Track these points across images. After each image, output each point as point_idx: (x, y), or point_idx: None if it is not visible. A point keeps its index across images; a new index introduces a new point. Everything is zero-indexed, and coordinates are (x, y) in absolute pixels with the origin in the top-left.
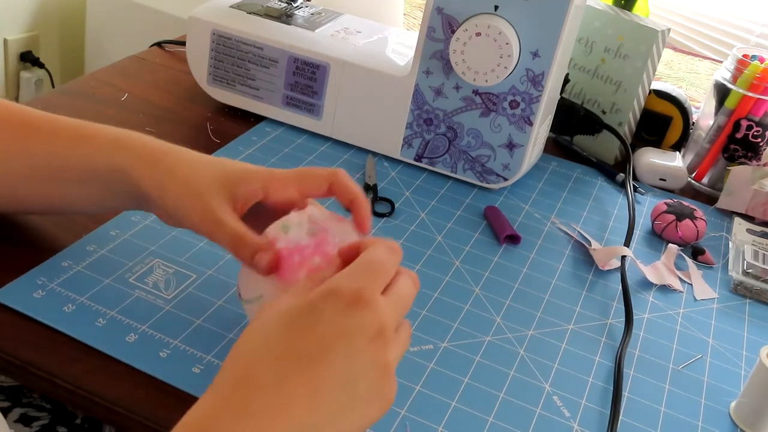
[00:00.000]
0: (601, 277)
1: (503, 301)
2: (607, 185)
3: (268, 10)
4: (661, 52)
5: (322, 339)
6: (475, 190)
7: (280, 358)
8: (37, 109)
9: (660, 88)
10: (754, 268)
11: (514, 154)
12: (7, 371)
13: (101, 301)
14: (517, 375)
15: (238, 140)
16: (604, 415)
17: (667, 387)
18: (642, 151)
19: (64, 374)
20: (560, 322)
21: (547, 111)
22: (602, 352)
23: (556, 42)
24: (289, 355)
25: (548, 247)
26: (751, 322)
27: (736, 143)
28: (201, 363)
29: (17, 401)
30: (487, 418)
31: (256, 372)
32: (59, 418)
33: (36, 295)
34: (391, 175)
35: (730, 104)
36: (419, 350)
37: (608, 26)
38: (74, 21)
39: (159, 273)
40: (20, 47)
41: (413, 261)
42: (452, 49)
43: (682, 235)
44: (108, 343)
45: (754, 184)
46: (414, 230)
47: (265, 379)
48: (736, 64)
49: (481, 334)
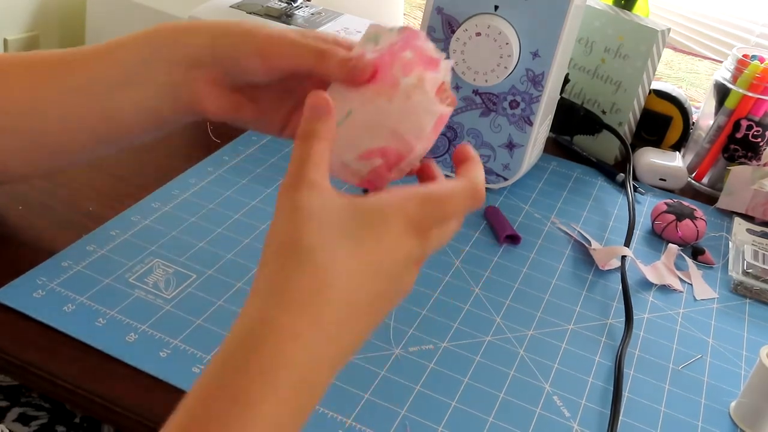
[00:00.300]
0: (601, 277)
1: (503, 301)
2: (607, 185)
3: (268, 10)
4: (661, 52)
5: (387, 251)
6: None
7: (350, 268)
8: None
9: (660, 88)
10: (754, 268)
11: (514, 154)
12: (7, 371)
13: (101, 301)
14: (517, 375)
15: (238, 140)
16: (604, 415)
17: (667, 387)
18: (642, 151)
19: (64, 374)
20: (560, 322)
21: (547, 111)
22: (602, 352)
23: (556, 42)
24: (356, 264)
25: (548, 247)
26: (751, 322)
27: (736, 143)
28: (201, 363)
29: (16, 400)
30: (487, 418)
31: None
32: (58, 418)
33: (36, 295)
34: None
35: (730, 104)
36: (419, 350)
37: (608, 26)
38: (74, 21)
39: (159, 273)
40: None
41: None
42: (452, 49)
43: (682, 235)
44: (108, 343)
45: (754, 184)
46: None
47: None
48: (736, 64)
49: (481, 334)
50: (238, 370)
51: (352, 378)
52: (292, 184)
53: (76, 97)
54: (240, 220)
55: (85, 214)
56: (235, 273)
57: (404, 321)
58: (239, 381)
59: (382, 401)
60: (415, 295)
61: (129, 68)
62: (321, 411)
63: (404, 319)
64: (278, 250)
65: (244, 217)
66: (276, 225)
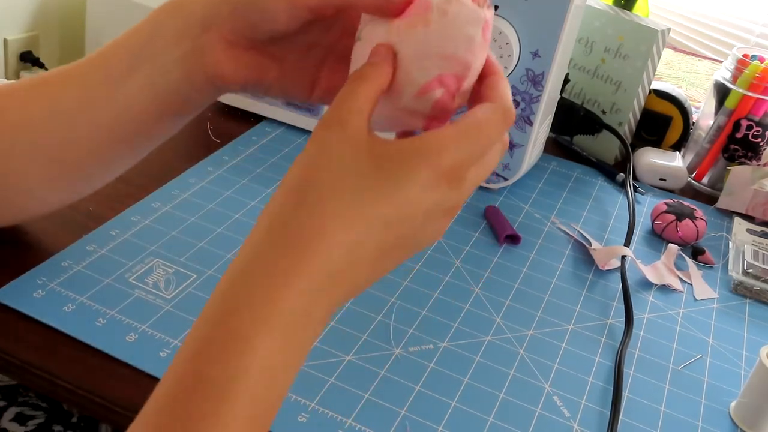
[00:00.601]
0: (601, 277)
1: (503, 301)
2: (607, 185)
3: None
4: (661, 52)
5: (406, 204)
6: (475, 190)
7: (356, 216)
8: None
9: (660, 88)
10: (754, 268)
11: (514, 154)
12: (7, 371)
13: (101, 301)
14: (517, 375)
15: (238, 140)
16: (604, 415)
17: (667, 387)
18: (642, 151)
19: (64, 374)
20: (560, 322)
21: (547, 111)
22: (602, 352)
23: (556, 42)
24: (365, 213)
25: (548, 247)
26: (751, 322)
27: (736, 143)
28: None
29: (13, 400)
30: (487, 418)
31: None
32: (55, 417)
33: (36, 295)
34: None
35: (730, 104)
36: (419, 350)
37: (608, 26)
38: (74, 21)
39: (159, 273)
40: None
41: (413, 261)
42: None
43: (682, 235)
44: (108, 343)
45: (754, 184)
46: None
47: (334, 231)
48: (736, 64)
49: (481, 334)
50: (232, 310)
51: (352, 378)
52: (326, 121)
53: (84, 100)
54: (240, 220)
55: (85, 214)
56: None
57: (404, 321)
58: (231, 319)
59: (382, 401)
60: (415, 295)
61: (134, 52)
62: (321, 411)
63: (404, 319)
64: (290, 184)
65: (244, 217)
66: (298, 160)
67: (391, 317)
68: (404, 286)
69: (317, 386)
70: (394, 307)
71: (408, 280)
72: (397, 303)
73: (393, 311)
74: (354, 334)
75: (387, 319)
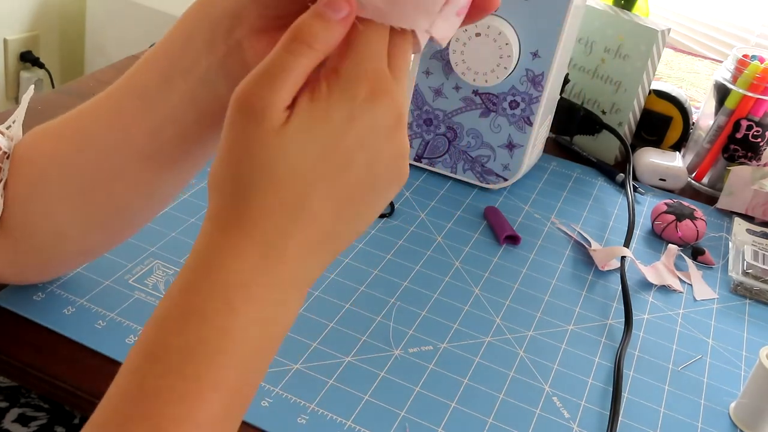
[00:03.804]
0: (600, 277)
1: (503, 301)
2: (607, 185)
3: None
4: (661, 52)
5: (344, 152)
6: (475, 191)
7: (301, 177)
8: (37, 109)
9: (660, 88)
10: (754, 269)
11: (514, 155)
12: (7, 373)
13: (101, 303)
14: (516, 376)
15: None
16: (603, 415)
17: (667, 388)
18: (642, 151)
19: (65, 376)
20: (560, 322)
21: (547, 111)
22: (602, 353)
23: (556, 42)
24: (309, 173)
25: (548, 248)
26: (751, 322)
27: (736, 143)
28: None
29: (15, 401)
30: (487, 419)
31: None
32: (57, 418)
33: (36, 298)
34: None
35: (730, 104)
36: (419, 351)
37: (608, 26)
38: (74, 21)
39: (159, 274)
40: (20, 47)
41: (413, 262)
42: (452, 49)
43: (682, 235)
44: (108, 345)
45: (754, 184)
46: (414, 231)
47: (285, 198)
48: (736, 64)
49: (481, 335)
50: (192, 291)
51: (351, 379)
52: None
53: (117, 126)
54: None
55: None
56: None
57: (404, 322)
58: (192, 299)
59: (381, 402)
60: (414, 295)
61: (167, 67)
62: (321, 412)
63: (404, 320)
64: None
65: None
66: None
67: (390, 318)
68: (404, 287)
69: (317, 388)
70: (394, 308)
71: (408, 281)
72: (396, 304)
73: (393, 312)
74: (353, 335)
75: (386, 320)
